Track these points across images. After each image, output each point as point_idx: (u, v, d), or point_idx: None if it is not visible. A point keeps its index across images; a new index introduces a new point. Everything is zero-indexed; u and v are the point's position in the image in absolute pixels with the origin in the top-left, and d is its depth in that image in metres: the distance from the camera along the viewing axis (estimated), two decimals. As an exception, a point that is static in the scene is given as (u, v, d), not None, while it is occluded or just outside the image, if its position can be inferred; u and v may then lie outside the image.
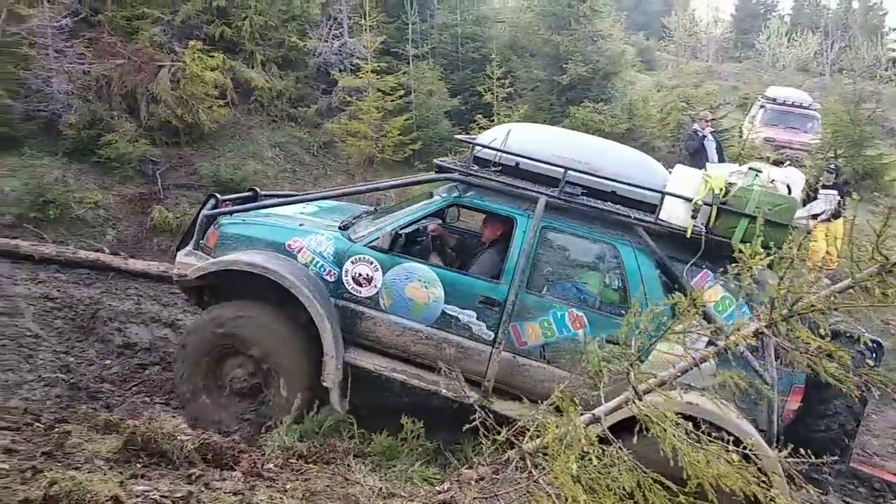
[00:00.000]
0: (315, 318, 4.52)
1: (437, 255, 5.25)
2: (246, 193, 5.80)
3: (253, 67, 11.07)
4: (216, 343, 4.63)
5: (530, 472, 3.48)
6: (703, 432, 3.33)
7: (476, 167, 4.83)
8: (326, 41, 11.79)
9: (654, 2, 41.55)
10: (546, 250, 4.61)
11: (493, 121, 11.11)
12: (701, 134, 10.34)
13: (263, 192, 5.91)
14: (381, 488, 3.29)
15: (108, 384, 5.39)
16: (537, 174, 4.72)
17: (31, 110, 9.43)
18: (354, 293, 4.75)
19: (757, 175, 4.51)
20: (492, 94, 11.19)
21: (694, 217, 4.38)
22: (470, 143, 4.99)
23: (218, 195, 5.42)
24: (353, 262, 4.74)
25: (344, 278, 4.75)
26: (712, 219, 4.37)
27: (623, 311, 4.32)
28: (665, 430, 3.36)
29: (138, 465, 2.85)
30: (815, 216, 9.51)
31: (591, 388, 3.57)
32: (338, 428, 4.38)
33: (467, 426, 3.21)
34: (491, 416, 3.42)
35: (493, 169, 4.81)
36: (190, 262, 4.89)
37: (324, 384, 4.57)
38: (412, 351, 4.74)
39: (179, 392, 4.80)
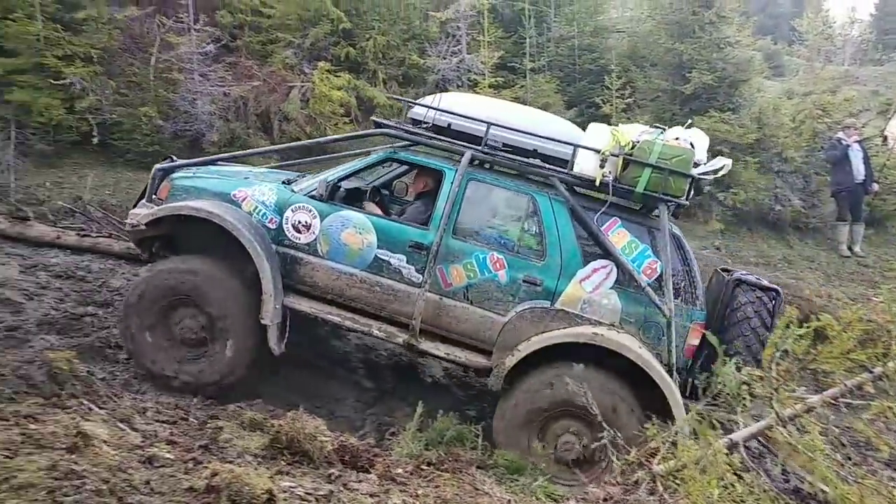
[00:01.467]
0: (254, 258, 4.77)
1: (377, 207, 5.53)
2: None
3: (375, 85, 11.50)
4: (176, 292, 4.84)
5: (662, 496, 3.36)
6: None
7: (411, 126, 5.24)
8: (445, 58, 12.04)
9: (783, 4, 39.25)
10: (472, 200, 4.99)
11: (611, 133, 10.92)
12: (845, 143, 9.64)
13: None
14: (509, 500, 3.29)
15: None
16: (466, 134, 5.04)
17: (179, 129, 10.28)
18: (294, 240, 5.06)
19: (662, 132, 4.96)
20: (610, 105, 11.00)
21: (602, 167, 4.72)
22: (404, 101, 5.44)
23: (174, 157, 5.76)
24: (293, 211, 5.06)
25: (285, 226, 5.06)
26: (619, 170, 4.74)
27: (539, 255, 4.87)
28: (814, 461, 3.16)
29: (283, 462, 3.02)
30: None
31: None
32: (461, 438, 4.42)
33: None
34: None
35: (424, 127, 5.18)
36: (143, 213, 5.11)
37: (262, 321, 4.79)
38: (348, 295, 5.03)
39: (125, 323, 4.91)
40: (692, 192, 4.80)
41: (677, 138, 4.87)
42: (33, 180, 8.92)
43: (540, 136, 5.02)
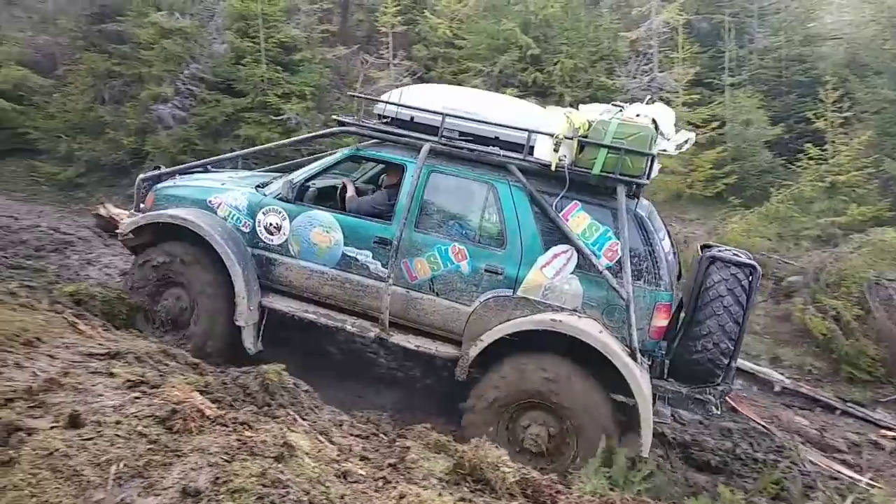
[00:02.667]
0: (226, 261, 4.99)
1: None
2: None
3: (562, 108, 11.47)
4: (155, 272, 5.22)
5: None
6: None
7: (374, 123, 5.21)
8: (635, 77, 11.69)
9: None
10: (433, 192, 4.96)
11: (825, 149, 9.85)
12: None
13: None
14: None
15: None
16: (430, 126, 4.94)
17: (377, 157, 11.02)
18: (267, 242, 5.23)
19: (620, 110, 4.75)
20: (825, 119, 9.93)
21: (556, 151, 4.56)
22: (362, 97, 5.58)
23: (163, 166, 6.03)
24: (264, 213, 5.22)
25: (257, 228, 5.24)
26: (575, 153, 4.60)
27: (499, 243, 4.82)
28: None
29: (466, 489, 3.05)
30: None
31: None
32: (653, 480, 4.16)
33: None
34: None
35: (383, 122, 5.15)
36: (128, 222, 5.44)
37: (236, 323, 5.03)
38: (322, 293, 5.17)
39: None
40: (652, 170, 4.65)
41: (637, 115, 4.69)
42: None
43: (493, 123, 4.91)
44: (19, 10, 13.58)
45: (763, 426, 6.02)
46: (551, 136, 4.62)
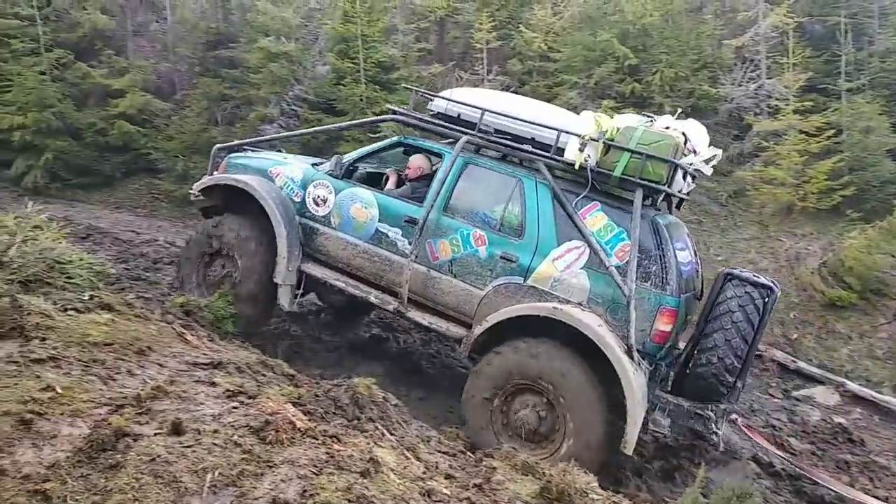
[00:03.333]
0: (273, 224, 5.54)
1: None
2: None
3: (661, 119, 11.11)
4: (208, 243, 5.84)
5: None
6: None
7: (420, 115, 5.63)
8: (740, 85, 11.15)
9: None
10: (464, 181, 5.29)
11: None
12: None
13: None
14: None
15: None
16: (471, 123, 5.29)
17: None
18: (314, 212, 5.73)
19: (652, 121, 4.90)
20: (960, 125, 9.07)
21: (581, 150, 4.77)
22: (415, 90, 5.88)
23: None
24: (314, 186, 5.74)
25: (307, 199, 5.75)
26: (601, 155, 4.78)
27: (518, 233, 5.04)
28: None
29: (551, 514, 2.97)
30: None
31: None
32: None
33: None
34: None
35: (431, 116, 5.60)
36: (198, 184, 6.10)
37: (274, 280, 5.56)
38: (353, 264, 5.58)
39: (181, 279, 5.95)
40: (674, 180, 4.72)
41: (667, 127, 4.84)
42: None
43: (524, 121, 5.19)
44: (144, 41, 14.75)
45: (777, 453, 5.62)
46: (578, 136, 4.85)
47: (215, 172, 6.24)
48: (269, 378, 4.07)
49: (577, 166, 4.80)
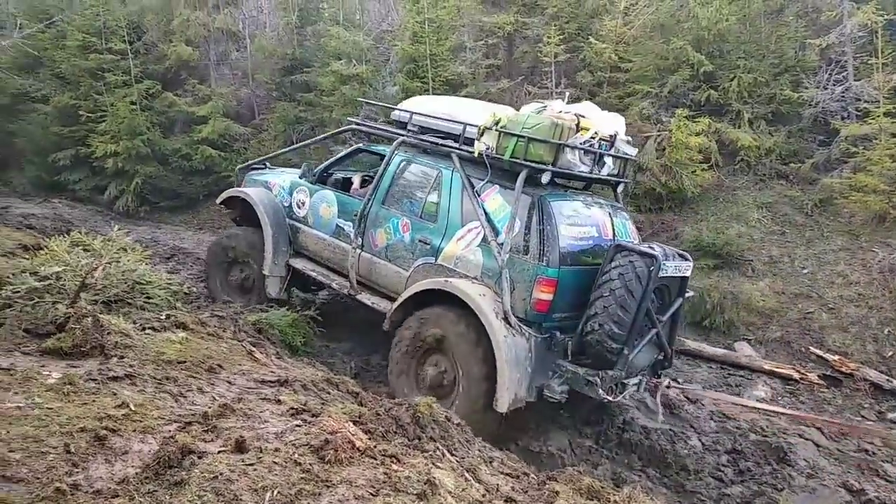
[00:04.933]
0: (262, 224, 6.61)
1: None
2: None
3: (740, 127, 10.68)
4: (224, 254, 6.98)
5: None
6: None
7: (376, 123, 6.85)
8: (825, 88, 10.58)
9: None
10: (400, 176, 6.00)
11: None
12: None
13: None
14: None
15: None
16: (423, 127, 5.99)
17: (539, 187, 10.96)
18: (297, 214, 6.75)
19: (544, 107, 5.35)
20: None
21: (479, 140, 5.35)
22: (367, 102, 7.44)
23: (267, 164, 7.76)
24: (297, 192, 6.79)
25: (293, 204, 6.80)
26: (497, 142, 5.25)
27: (433, 219, 5.64)
28: None
29: (617, 543, 2.86)
30: None
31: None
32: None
33: None
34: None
35: (389, 123, 6.55)
36: (221, 196, 7.43)
37: (262, 272, 6.57)
38: (323, 256, 6.49)
39: (210, 285, 7.17)
40: (558, 159, 5.11)
41: (560, 112, 5.24)
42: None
43: (440, 118, 5.85)
44: (225, 69, 15.48)
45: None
46: (476, 127, 5.43)
47: (239, 187, 7.37)
48: (333, 396, 4.12)
49: (476, 154, 5.38)
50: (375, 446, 3.12)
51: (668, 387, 5.67)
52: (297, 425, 3.22)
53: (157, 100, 13.93)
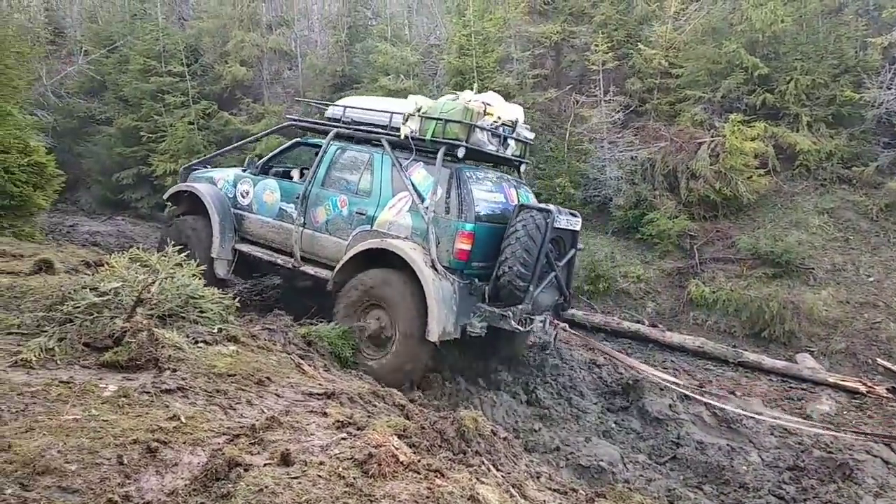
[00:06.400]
0: (210, 214, 7.37)
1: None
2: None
3: (798, 130, 10.33)
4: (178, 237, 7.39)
5: None
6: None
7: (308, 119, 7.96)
8: (889, 88, 10.14)
9: None
10: (336, 161, 6.92)
11: None
12: None
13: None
14: None
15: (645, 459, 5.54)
16: (357, 120, 7.00)
17: (589, 196, 10.85)
18: (242, 203, 7.58)
19: (457, 97, 6.50)
20: None
21: (404, 125, 6.37)
22: (306, 100, 8.78)
23: (209, 165, 8.60)
24: (241, 183, 7.66)
25: (237, 194, 7.64)
26: (420, 126, 6.31)
27: (368, 194, 6.57)
28: None
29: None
30: None
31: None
32: None
33: None
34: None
35: (325, 118, 7.50)
36: (168, 192, 8.25)
37: (211, 255, 7.21)
38: (267, 238, 7.28)
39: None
40: (470, 138, 6.17)
41: (469, 100, 6.32)
42: (470, 248, 10.41)
43: (367, 110, 6.99)
44: (278, 88, 15.89)
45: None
46: (401, 114, 6.45)
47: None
48: (379, 408, 4.13)
49: (403, 136, 6.36)
50: (419, 460, 3.11)
51: (564, 329, 6.57)
52: (342, 438, 3.24)
53: (213, 119, 14.39)
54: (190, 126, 13.64)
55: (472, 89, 6.92)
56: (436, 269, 5.82)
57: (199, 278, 5.06)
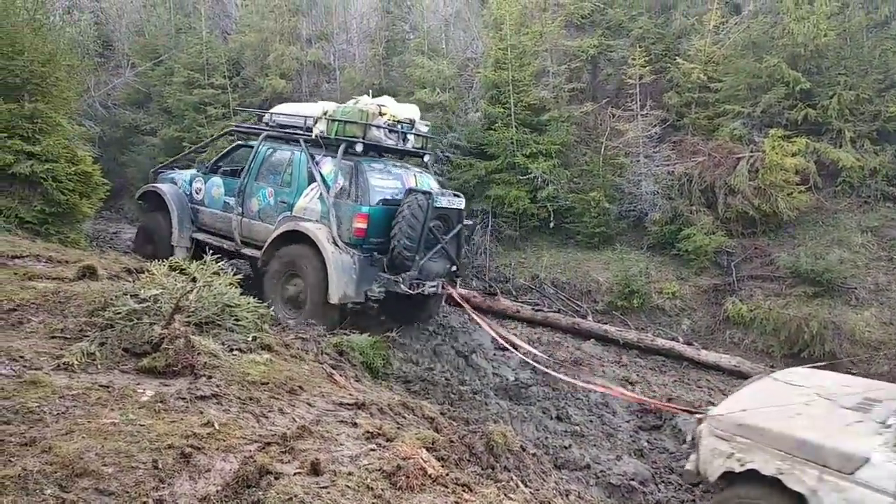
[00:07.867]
0: (169, 208, 8.72)
1: None
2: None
3: (841, 146, 10.09)
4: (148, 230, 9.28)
5: None
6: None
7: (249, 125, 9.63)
8: (939, 103, 9.86)
9: None
10: (266, 159, 8.24)
11: None
12: None
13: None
14: None
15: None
16: (282, 124, 8.47)
17: (624, 211, 10.75)
18: (196, 198, 8.90)
19: (357, 101, 8.04)
20: None
21: (315, 126, 7.76)
22: (246, 109, 11.22)
23: (175, 166, 9.98)
24: (195, 182, 8.97)
25: (192, 191, 8.96)
26: (326, 126, 7.67)
27: (289, 185, 7.91)
28: None
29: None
30: None
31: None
32: None
33: None
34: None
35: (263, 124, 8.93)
36: (139, 191, 9.69)
37: (171, 244, 8.58)
38: (217, 227, 8.61)
39: (138, 251, 8.95)
40: (366, 135, 7.58)
41: (367, 103, 7.77)
42: (502, 261, 10.42)
43: (289, 115, 8.38)
44: (318, 99, 16.12)
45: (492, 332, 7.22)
46: (311, 117, 7.83)
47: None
48: (409, 420, 4.15)
49: (314, 136, 7.66)
50: (447, 474, 3.11)
51: (448, 291, 7.79)
52: (372, 449, 3.26)
53: (252, 130, 14.67)
54: (230, 137, 13.91)
55: (368, 95, 8.33)
56: (337, 245, 7.09)
57: (235, 287, 5.16)
